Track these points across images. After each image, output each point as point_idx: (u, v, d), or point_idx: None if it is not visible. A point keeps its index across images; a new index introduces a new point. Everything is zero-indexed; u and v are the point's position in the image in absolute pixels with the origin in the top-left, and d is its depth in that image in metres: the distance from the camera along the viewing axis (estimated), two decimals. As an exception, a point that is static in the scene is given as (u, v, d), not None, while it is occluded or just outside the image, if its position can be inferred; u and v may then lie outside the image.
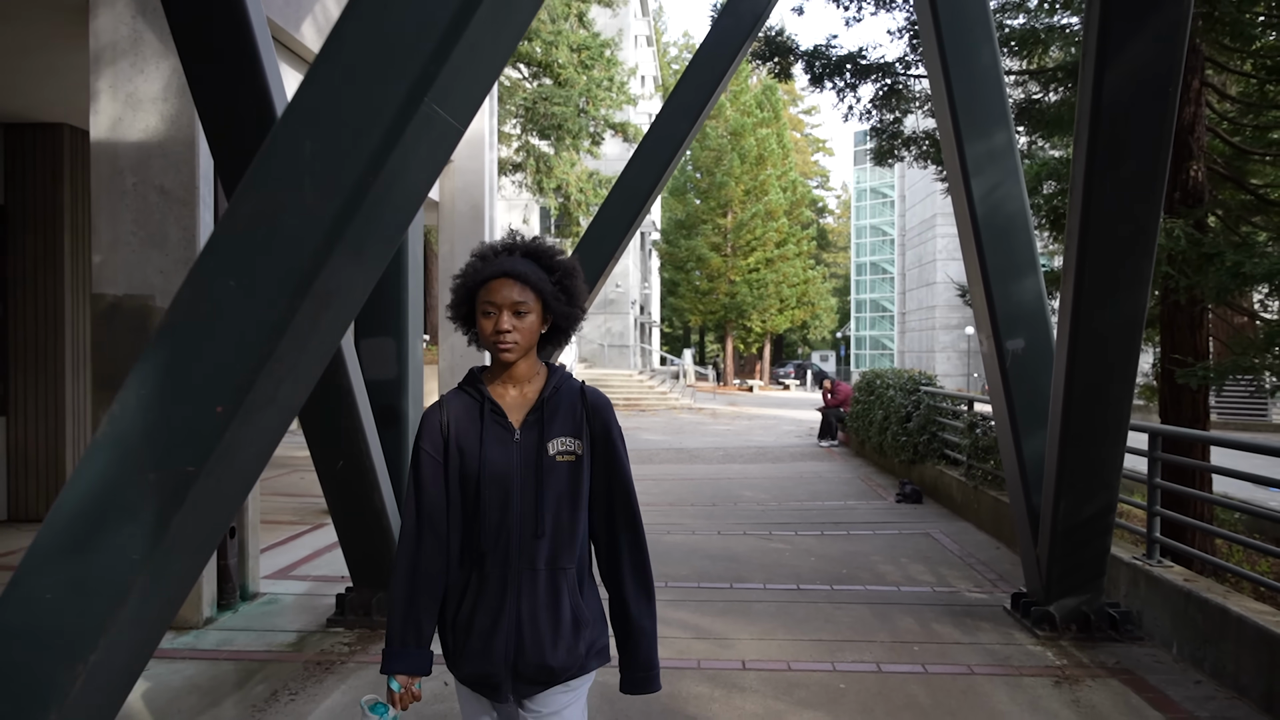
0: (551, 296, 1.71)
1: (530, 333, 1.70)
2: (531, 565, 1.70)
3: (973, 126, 4.72)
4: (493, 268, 1.68)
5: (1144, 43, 3.16)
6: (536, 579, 1.70)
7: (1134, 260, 3.56)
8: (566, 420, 1.75)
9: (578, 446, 1.74)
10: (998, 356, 4.73)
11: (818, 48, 7.99)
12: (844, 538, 7.26)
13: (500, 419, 1.73)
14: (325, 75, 1.68)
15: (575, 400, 1.78)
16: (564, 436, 1.74)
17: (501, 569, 1.70)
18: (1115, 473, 4.20)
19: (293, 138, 1.67)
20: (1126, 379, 3.89)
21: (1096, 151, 3.41)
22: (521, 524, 1.70)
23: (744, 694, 3.86)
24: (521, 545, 1.70)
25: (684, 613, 5.07)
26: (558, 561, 1.72)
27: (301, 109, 1.69)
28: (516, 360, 1.71)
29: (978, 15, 4.66)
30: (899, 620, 4.93)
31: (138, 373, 1.68)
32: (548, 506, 1.71)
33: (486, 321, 1.68)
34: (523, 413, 1.74)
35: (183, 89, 4.92)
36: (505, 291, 1.66)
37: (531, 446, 1.71)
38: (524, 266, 1.68)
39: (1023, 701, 3.79)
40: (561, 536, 1.72)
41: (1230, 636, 3.93)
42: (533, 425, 1.73)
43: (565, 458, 1.73)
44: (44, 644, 1.65)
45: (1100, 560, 4.53)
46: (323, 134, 1.67)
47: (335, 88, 1.66)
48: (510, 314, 1.67)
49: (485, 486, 1.70)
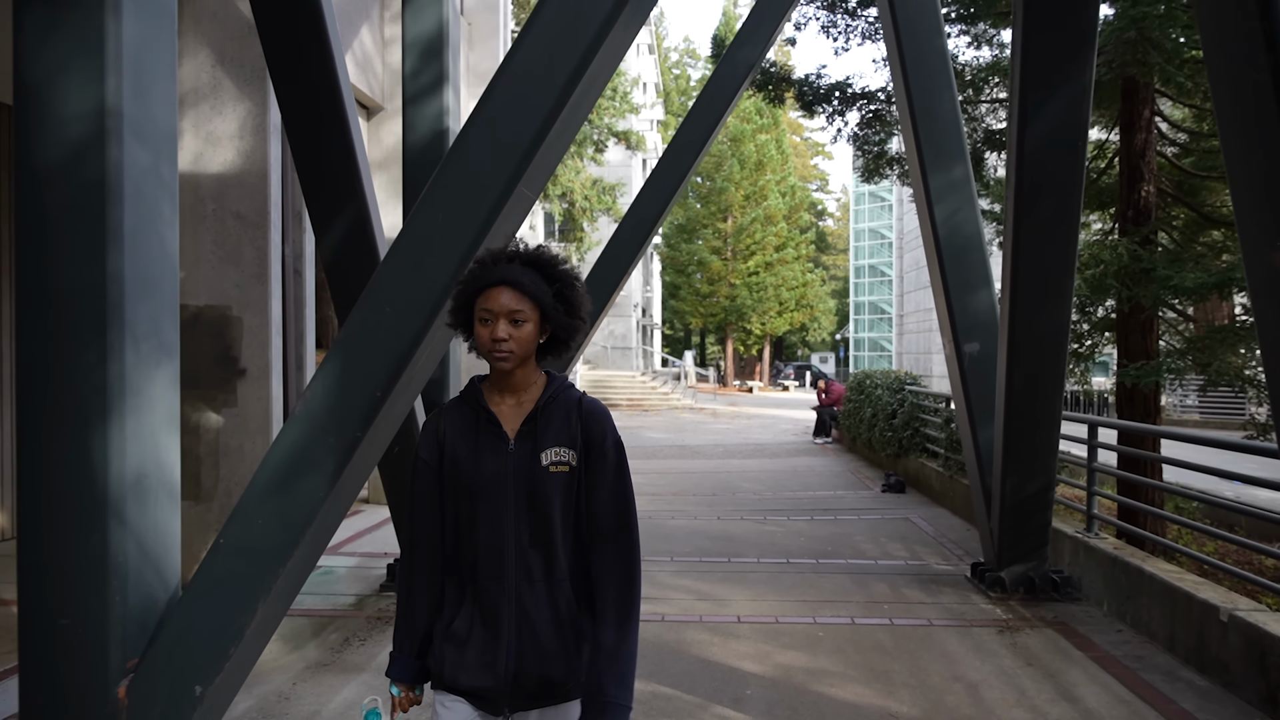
0: (550, 307, 1.69)
1: (527, 342, 1.68)
2: (528, 576, 1.69)
3: (935, 161, 5.51)
4: (491, 275, 1.67)
5: (1054, 108, 3.96)
6: (535, 590, 1.69)
7: (1056, 280, 4.36)
8: (562, 430, 1.72)
9: (572, 457, 1.72)
10: (957, 358, 5.52)
11: (808, 77, 8.78)
12: (831, 522, 8.04)
13: (495, 428, 1.72)
14: (454, 164, 2.47)
15: (571, 409, 1.75)
16: (558, 446, 1.71)
17: (498, 580, 1.69)
18: (1051, 456, 4.98)
19: (432, 209, 2.46)
20: (1056, 378, 4.68)
21: (1022, 193, 4.21)
22: (516, 535, 1.69)
23: (738, 640, 4.64)
24: (517, 556, 1.69)
25: (687, 580, 5.86)
26: (554, 573, 1.70)
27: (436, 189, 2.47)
28: (513, 369, 1.70)
29: (939, 67, 5.45)
30: (873, 586, 5.71)
31: (323, 369, 2.47)
32: (541, 518, 1.69)
33: (483, 329, 1.67)
34: (518, 422, 1.73)
35: (257, 128, 5.73)
36: (503, 299, 1.64)
37: (526, 456, 1.70)
38: (523, 275, 1.67)
39: (969, 644, 4.57)
40: (557, 548, 1.70)
41: (1144, 591, 4.72)
42: (527, 435, 1.71)
43: (559, 468, 1.70)
44: (258, 556, 2.43)
45: (1043, 532, 5.31)
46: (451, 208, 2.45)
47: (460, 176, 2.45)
48: (507, 322, 1.65)
49: (479, 496, 1.69)
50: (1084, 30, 3.89)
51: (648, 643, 4.54)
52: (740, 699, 3.84)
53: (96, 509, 2.34)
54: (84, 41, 2.36)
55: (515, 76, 2.59)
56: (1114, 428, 6.40)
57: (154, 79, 2.50)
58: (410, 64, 5.59)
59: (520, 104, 2.55)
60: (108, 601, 2.35)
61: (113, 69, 2.37)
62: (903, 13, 5.44)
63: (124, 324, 2.38)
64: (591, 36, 2.50)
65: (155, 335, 2.50)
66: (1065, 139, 4.02)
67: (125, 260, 2.38)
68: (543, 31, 2.56)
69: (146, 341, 2.46)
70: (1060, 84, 3.93)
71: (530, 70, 2.51)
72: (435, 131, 5.49)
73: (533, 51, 2.55)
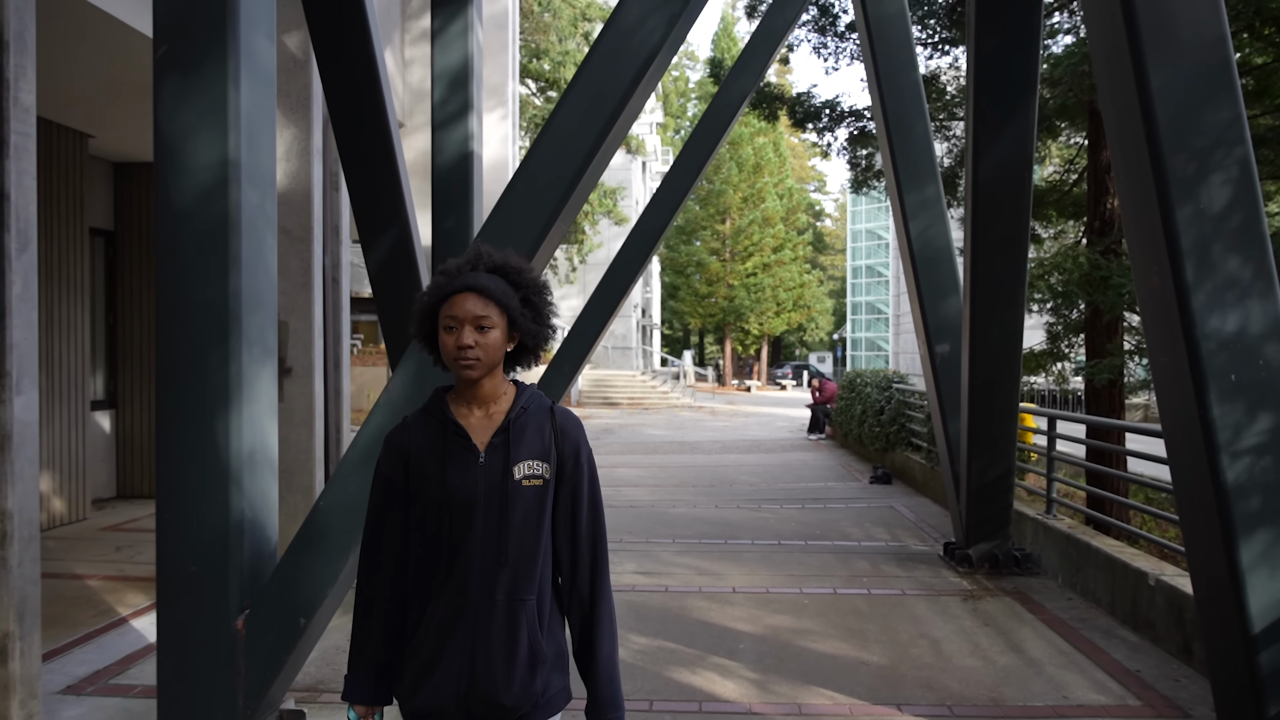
0: (517, 313, 1.65)
1: (494, 349, 1.63)
2: (490, 595, 1.62)
3: (910, 181, 6.14)
4: (456, 283, 1.63)
5: (1003, 145, 4.60)
6: (494, 610, 1.62)
7: (1009, 290, 5.00)
8: (534, 442, 1.67)
9: (545, 470, 1.67)
10: (930, 358, 6.15)
11: (799, 95, 9.41)
12: (820, 510, 8.67)
13: (464, 441, 1.66)
14: (521, 181, 3.15)
15: (544, 421, 1.70)
16: (531, 460, 1.66)
17: (459, 598, 1.63)
18: (1010, 445, 5.62)
19: (495, 230, 3.13)
20: (1012, 376, 5.32)
21: (978, 216, 4.84)
22: (484, 552, 1.62)
23: (733, 606, 5.27)
24: (482, 574, 1.62)
25: (688, 559, 6.49)
26: (517, 592, 1.64)
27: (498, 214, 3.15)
28: (480, 378, 1.65)
29: (913, 98, 6.09)
30: (855, 563, 6.34)
31: (402, 365, 3.10)
32: (512, 533, 1.63)
33: (448, 337, 1.62)
34: (488, 434, 1.67)
35: (302, 151, 6.35)
36: (468, 306, 1.61)
37: (497, 470, 1.64)
38: (488, 281, 1.64)
39: (936, 609, 5.20)
40: (524, 565, 1.64)
41: (1091, 564, 5.35)
42: (498, 448, 1.65)
43: (532, 482, 1.65)
44: (349, 515, 3.05)
45: (1005, 513, 5.94)
46: (506, 235, 3.09)
47: (517, 199, 3.12)
48: (473, 329, 1.61)
49: (446, 512, 1.63)
50: (1026, 80, 4.53)
51: (654, 608, 5.17)
52: (734, 651, 4.47)
53: (220, 478, 2.96)
54: (211, 106, 2.98)
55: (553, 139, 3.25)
56: (1077, 421, 7.03)
57: (261, 134, 3.12)
58: (439, 93, 6.22)
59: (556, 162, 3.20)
60: (228, 551, 2.97)
61: (233, 127, 2.98)
62: (881, 49, 6.07)
63: (241, 332, 2.99)
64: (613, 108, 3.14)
65: (262, 341, 3.12)
66: (1013, 171, 4.67)
67: (242, 281, 3.00)
68: (575, 103, 3.21)
69: (255, 346, 3.08)
70: (1007, 126, 4.56)
71: (563, 138, 3.17)
72: (461, 154, 6.11)
73: (565, 123, 3.21)
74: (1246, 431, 2.83)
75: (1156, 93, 2.84)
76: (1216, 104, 2.83)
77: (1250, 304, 2.84)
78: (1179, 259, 2.85)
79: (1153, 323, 3.06)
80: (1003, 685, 4.03)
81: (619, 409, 25.88)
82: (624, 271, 7.05)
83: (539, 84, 24.78)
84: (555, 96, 24.52)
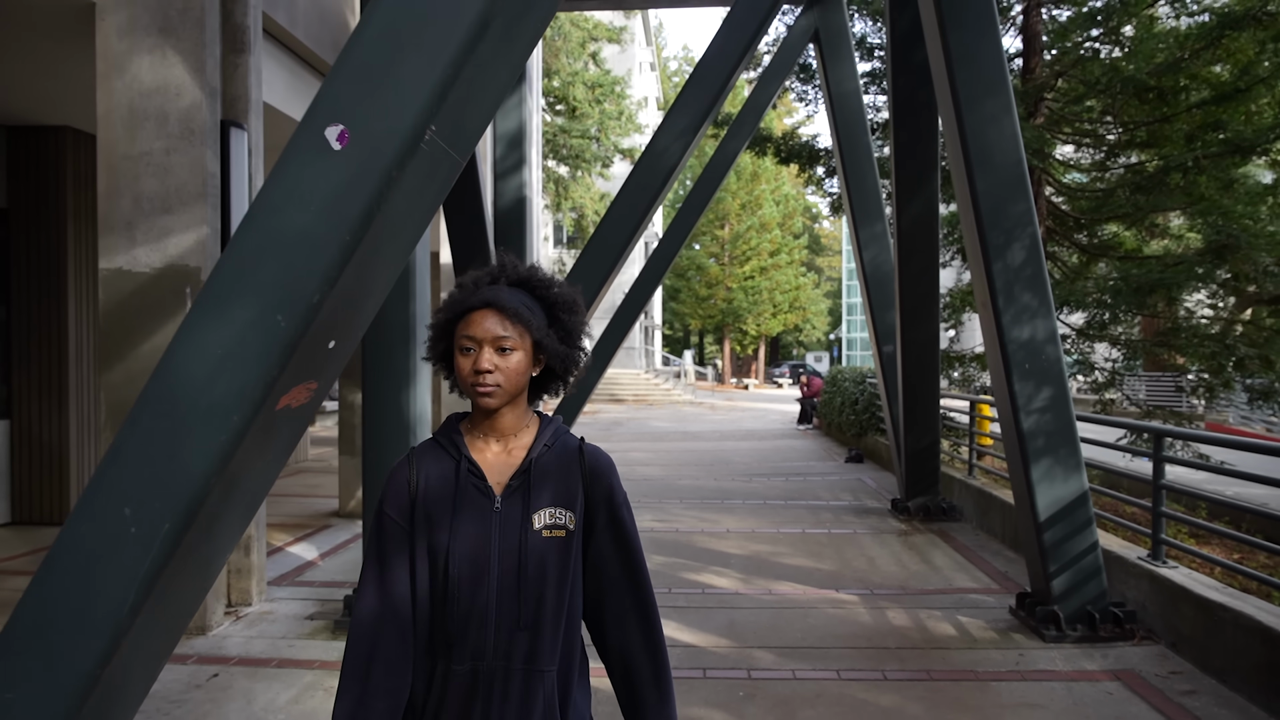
0: (543, 334, 1.44)
1: (516, 374, 1.42)
2: (506, 662, 1.41)
3: (864, 218, 7.99)
4: (475, 298, 1.43)
5: (916, 204, 6.45)
6: (510, 681, 1.40)
7: (925, 306, 6.85)
8: (559, 486, 1.46)
9: (569, 520, 1.45)
10: (879, 356, 7.99)
11: (784, 136, 11.26)
12: (801, 481, 10.52)
13: (478, 482, 1.44)
14: (591, 247, 4.94)
15: (571, 461, 1.48)
16: (553, 507, 1.44)
17: (471, 663, 1.40)
18: (934, 421, 7.47)
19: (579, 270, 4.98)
20: (933, 368, 7.17)
21: (901, 251, 6.69)
22: (498, 612, 1.40)
23: (726, 540, 7.11)
24: (497, 639, 1.40)
25: (693, 512, 8.33)
26: (536, 661, 1.41)
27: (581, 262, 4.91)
28: (499, 407, 1.44)
29: (865, 155, 7.93)
30: (822, 515, 8.19)
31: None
32: (530, 593, 1.41)
33: (464, 360, 1.42)
34: (506, 475, 1.45)
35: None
36: (487, 324, 1.40)
37: (514, 519, 1.42)
38: (510, 297, 1.43)
39: (877, 542, 7.04)
40: (545, 630, 1.42)
41: (993, 508, 7.19)
42: (516, 491, 1.44)
43: (554, 533, 1.43)
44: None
45: (935, 474, 7.78)
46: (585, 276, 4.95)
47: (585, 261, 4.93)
48: (492, 350, 1.40)
49: (455, 564, 1.40)
50: (929, 159, 6.40)
51: (668, 541, 7.01)
52: (727, 564, 6.31)
53: (407, 432, 4.79)
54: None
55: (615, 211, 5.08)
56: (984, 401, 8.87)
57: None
58: (500, 151, 8.09)
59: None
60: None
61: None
62: (840, 117, 7.92)
63: (415, 340, 4.82)
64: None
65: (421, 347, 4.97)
66: (925, 223, 6.53)
67: (416, 306, 4.83)
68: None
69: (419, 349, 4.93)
70: (918, 191, 6.42)
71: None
72: (518, 199, 7.98)
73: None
74: (1034, 399, 4.67)
75: (980, 193, 4.68)
76: (1015, 200, 4.67)
77: (1036, 322, 4.68)
78: (995, 293, 4.70)
79: (984, 331, 4.91)
80: (911, 580, 5.87)
81: (625, 404, 27.73)
82: (637, 298, 8.92)
83: (547, 99, 26.66)
84: (564, 111, 26.41)
